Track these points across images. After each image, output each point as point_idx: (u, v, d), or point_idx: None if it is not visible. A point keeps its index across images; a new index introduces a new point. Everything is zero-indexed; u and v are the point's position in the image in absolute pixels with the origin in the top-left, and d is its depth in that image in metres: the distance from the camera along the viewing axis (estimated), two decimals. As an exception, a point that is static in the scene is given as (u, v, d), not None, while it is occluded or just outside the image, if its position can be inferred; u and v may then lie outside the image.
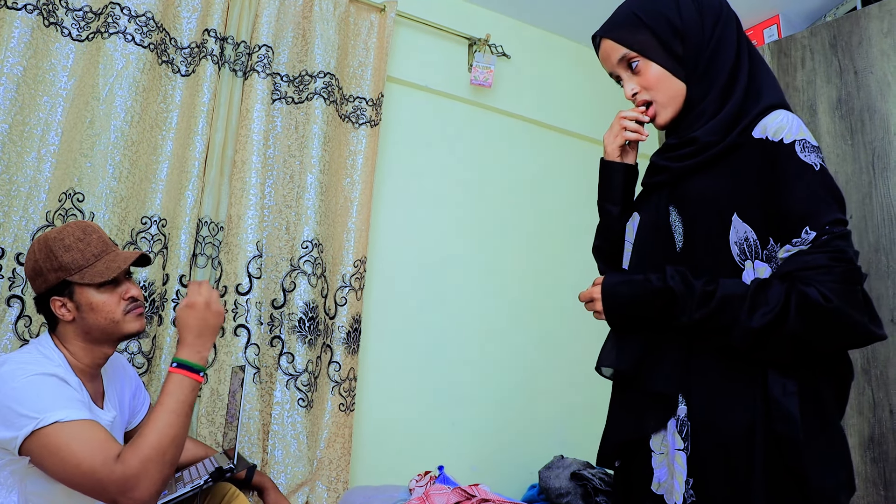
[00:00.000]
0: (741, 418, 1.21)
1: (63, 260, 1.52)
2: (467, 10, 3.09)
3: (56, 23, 2.10)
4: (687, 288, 1.25)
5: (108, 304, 1.55)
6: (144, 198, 2.16)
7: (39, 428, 1.33)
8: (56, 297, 1.53)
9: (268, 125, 2.41)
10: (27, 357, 1.47)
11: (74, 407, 1.39)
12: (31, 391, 1.38)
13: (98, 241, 1.58)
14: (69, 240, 1.54)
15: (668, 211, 1.37)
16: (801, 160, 1.22)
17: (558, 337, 3.08)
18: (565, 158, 3.31)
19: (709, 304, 1.23)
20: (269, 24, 2.44)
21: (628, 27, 1.39)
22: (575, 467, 2.56)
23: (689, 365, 1.30)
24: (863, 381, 2.42)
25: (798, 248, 1.20)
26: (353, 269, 2.49)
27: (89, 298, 1.53)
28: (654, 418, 1.33)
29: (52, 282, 1.53)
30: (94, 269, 1.54)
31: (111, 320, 1.55)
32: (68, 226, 1.58)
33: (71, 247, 1.54)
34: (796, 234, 1.20)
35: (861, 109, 2.56)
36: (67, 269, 1.52)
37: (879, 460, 2.34)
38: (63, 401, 1.39)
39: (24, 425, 1.33)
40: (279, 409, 2.26)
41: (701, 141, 1.31)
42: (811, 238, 1.18)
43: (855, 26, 2.63)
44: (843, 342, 1.20)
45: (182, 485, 1.68)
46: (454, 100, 3.03)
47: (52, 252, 1.53)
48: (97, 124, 2.07)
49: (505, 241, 3.06)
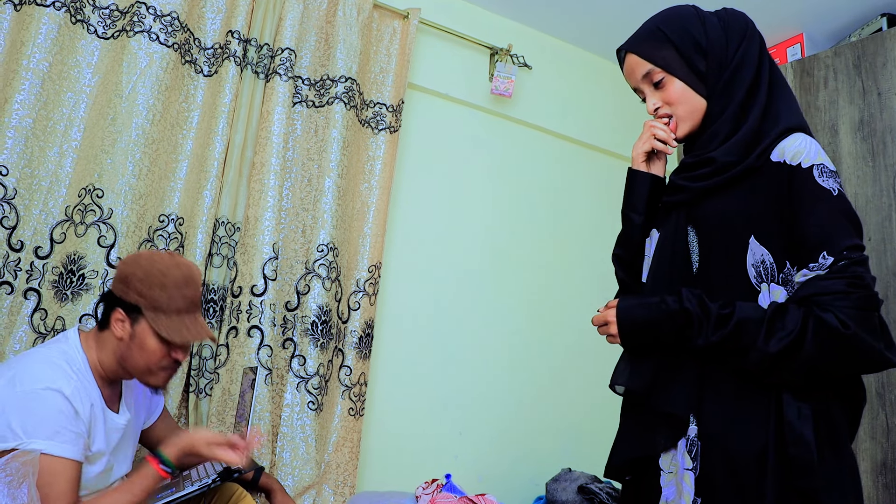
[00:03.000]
0: (754, 440, 1.21)
1: (152, 294, 1.53)
2: (490, 20, 3.09)
3: (83, 20, 2.12)
4: (703, 311, 1.25)
5: (155, 354, 1.56)
6: (163, 196, 2.17)
7: (20, 449, 1.36)
8: (122, 310, 1.55)
9: (288, 128, 2.42)
10: (48, 359, 1.49)
11: (63, 440, 1.41)
12: (31, 406, 1.40)
13: (190, 298, 1.59)
14: (170, 281, 1.55)
15: (686, 231, 1.36)
16: (819, 185, 1.22)
17: (571, 350, 3.06)
18: (585, 171, 3.30)
19: (725, 328, 1.22)
20: (293, 28, 2.45)
21: (653, 43, 1.38)
22: (582, 481, 2.55)
23: (701, 385, 1.29)
24: (877, 406, 2.40)
25: (815, 273, 1.19)
26: (367, 274, 2.49)
27: (146, 338, 1.54)
28: (664, 437, 1.32)
29: (130, 299, 1.54)
30: (170, 322, 1.55)
31: (147, 367, 1.57)
32: (180, 265, 1.59)
33: (167, 288, 1.55)
34: (814, 259, 1.19)
35: (883, 131, 2.55)
36: (149, 302, 1.54)
37: (892, 486, 2.32)
38: (53, 430, 1.41)
39: (8, 439, 1.36)
40: (289, 411, 2.26)
41: (719, 161, 1.30)
42: (829, 263, 1.18)
43: (880, 47, 2.61)
44: (858, 368, 1.19)
45: (189, 483, 1.68)
46: (474, 109, 3.03)
47: (150, 279, 1.54)
48: (119, 121, 2.08)
49: (520, 252, 3.06)
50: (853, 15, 2.91)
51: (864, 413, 2.42)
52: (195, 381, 2.16)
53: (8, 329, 1.89)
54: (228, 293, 2.26)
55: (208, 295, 2.20)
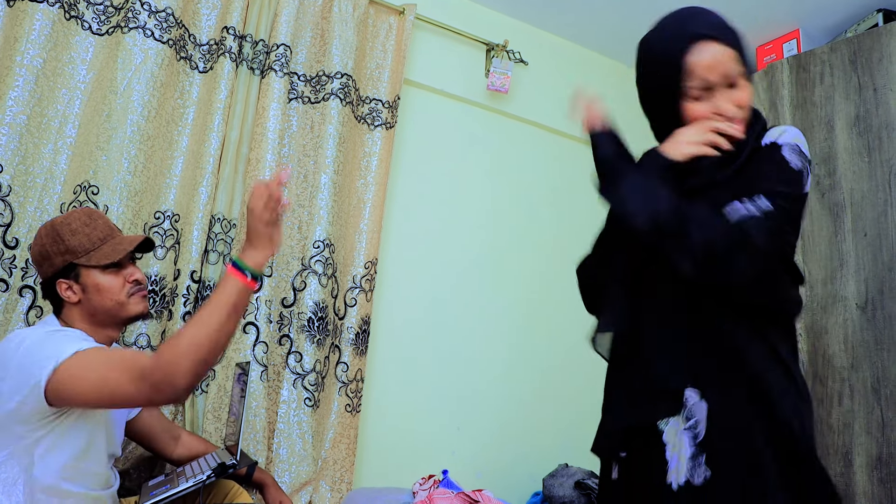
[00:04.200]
0: (746, 404, 1.25)
1: (70, 243, 1.56)
2: (486, 16, 3.09)
3: (77, 16, 2.11)
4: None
5: (113, 287, 1.58)
6: (158, 192, 2.17)
7: (60, 363, 1.36)
8: (62, 279, 1.56)
9: (283, 124, 2.41)
10: (35, 328, 1.51)
11: (91, 343, 1.45)
12: (43, 342, 1.41)
13: (104, 225, 1.62)
14: (75, 224, 1.58)
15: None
16: (783, 155, 1.29)
17: (568, 345, 3.06)
18: (581, 167, 3.29)
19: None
20: (288, 24, 2.45)
21: (740, 40, 1.34)
22: (579, 476, 2.55)
23: (693, 350, 1.30)
24: (872, 400, 2.40)
25: (747, 207, 1.23)
26: (363, 270, 2.49)
27: (95, 280, 1.56)
28: (665, 406, 1.31)
29: (59, 265, 1.56)
30: (100, 251, 1.57)
31: (116, 302, 1.58)
32: (74, 212, 1.62)
33: (77, 230, 1.57)
34: (750, 197, 1.24)
35: (879, 127, 2.55)
36: (74, 251, 1.56)
37: (887, 481, 2.32)
38: (78, 341, 1.43)
39: (44, 366, 1.36)
40: (285, 407, 2.26)
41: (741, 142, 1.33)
42: (764, 206, 1.23)
43: (876, 43, 2.61)
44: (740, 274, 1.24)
45: (184, 479, 1.69)
46: (470, 105, 3.03)
47: (59, 236, 1.56)
48: (114, 118, 2.08)
49: (517, 248, 3.06)
50: (849, 10, 2.91)
51: (860, 407, 2.43)
52: (191, 377, 2.15)
53: (3, 326, 1.89)
54: (224, 290, 2.26)
55: (204, 292, 2.20)
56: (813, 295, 2.63)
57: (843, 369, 2.50)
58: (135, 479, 2.01)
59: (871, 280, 2.48)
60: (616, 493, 1.41)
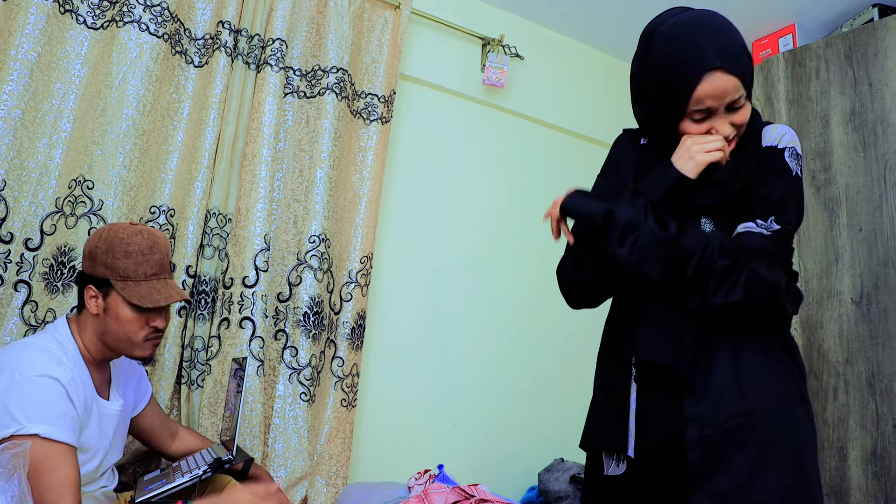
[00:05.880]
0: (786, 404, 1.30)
1: (118, 263, 1.54)
2: (482, 10, 3.09)
3: (71, 10, 2.10)
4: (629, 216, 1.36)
5: (132, 323, 1.56)
6: (154, 187, 2.17)
7: (18, 434, 1.35)
8: (93, 286, 1.55)
9: (279, 119, 2.41)
10: (43, 347, 1.49)
11: (63, 425, 1.41)
12: (29, 393, 1.40)
13: (158, 262, 1.59)
14: (133, 248, 1.56)
15: (700, 223, 1.36)
16: (786, 162, 1.34)
17: (564, 340, 3.07)
18: (577, 162, 3.30)
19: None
20: (284, 18, 2.44)
21: (747, 63, 1.32)
22: (575, 471, 2.56)
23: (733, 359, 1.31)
24: (867, 395, 2.41)
25: (760, 230, 1.29)
26: (359, 265, 2.49)
27: (119, 308, 1.55)
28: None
29: (98, 273, 1.55)
30: (139, 288, 1.55)
31: (128, 338, 1.57)
32: (142, 232, 1.59)
33: (131, 254, 1.55)
34: (763, 218, 1.30)
35: (874, 122, 2.55)
36: (116, 272, 1.54)
37: (881, 475, 2.33)
38: (54, 415, 1.41)
39: (8, 426, 1.36)
40: (281, 402, 2.26)
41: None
42: (774, 228, 1.29)
43: (871, 38, 2.61)
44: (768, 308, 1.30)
45: (180, 474, 1.69)
46: (466, 99, 3.03)
47: (113, 250, 1.54)
48: (109, 112, 2.07)
49: (513, 243, 3.06)
50: (845, 5, 2.91)
51: (855, 402, 2.44)
52: (187, 372, 2.16)
53: (-2, 321, 1.89)
54: (220, 285, 2.26)
55: (200, 286, 2.19)
56: (808, 290, 2.63)
57: (838, 364, 2.51)
58: (130, 473, 2.01)
59: (866, 275, 2.49)
60: (623, 487, 1.40)
